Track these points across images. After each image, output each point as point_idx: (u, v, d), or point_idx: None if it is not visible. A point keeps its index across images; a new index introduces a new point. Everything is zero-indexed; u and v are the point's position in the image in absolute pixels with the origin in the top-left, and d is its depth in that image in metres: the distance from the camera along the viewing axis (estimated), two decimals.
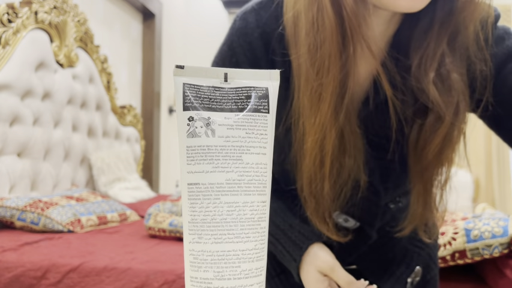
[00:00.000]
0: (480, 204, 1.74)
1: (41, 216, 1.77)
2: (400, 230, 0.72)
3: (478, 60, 0.63)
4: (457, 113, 0.62)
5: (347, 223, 0.73)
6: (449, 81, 0.61)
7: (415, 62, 0.62)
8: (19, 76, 1.98)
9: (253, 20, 0.65)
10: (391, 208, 0.76)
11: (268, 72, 0.39)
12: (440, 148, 0.64)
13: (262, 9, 0.66)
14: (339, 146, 0.62)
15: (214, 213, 0.36)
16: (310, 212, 0.67)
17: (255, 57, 0.66)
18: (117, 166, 2.73)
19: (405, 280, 0.76)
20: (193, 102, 0.36)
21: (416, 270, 0.77)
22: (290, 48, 0.63)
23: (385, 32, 0.65)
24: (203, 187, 0.36)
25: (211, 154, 0.36)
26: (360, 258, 0.76)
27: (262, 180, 0.37)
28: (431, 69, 0.61)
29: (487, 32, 0.63)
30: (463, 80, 0.62)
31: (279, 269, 0.80)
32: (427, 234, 0.72)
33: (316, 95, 0.59)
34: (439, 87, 0.61)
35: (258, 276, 0.37)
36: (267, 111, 0.38)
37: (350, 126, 0.62)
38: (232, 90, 0.38)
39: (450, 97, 0.61)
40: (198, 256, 0.36)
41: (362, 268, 0.76)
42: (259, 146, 0.37)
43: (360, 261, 0.76)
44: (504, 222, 1.09)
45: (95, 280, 1.26)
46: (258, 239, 0.37)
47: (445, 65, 0.61)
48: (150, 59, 3.60)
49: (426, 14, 0.61)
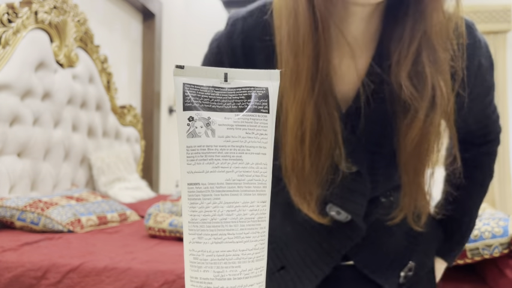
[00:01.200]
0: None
1: (41, 216, 1.77)
2: (391, 219, 0.75)
3: (455, 59, 0.69)
4: (433, 107, 0.66)
5: (339, 216, 0.76)
6: (424, 76, 0.66)
7: (394, 59, 0.67)
8: (19, 76, 1.98)
9: (239, 27, 0.73)
10: (382, 202, 0.78)
11: (268, 72, 0.39)
12: (418, 141, 0.68)
13: (250, 17, 0.73)
14: (316, 126, 0.67)
15: (214, 213, 0.36)
16: (293, 191, 0.71)
17: (236, 60, 0.74)
18: (117, 166, 2.73)
19: (398, 274, 0.78)
20: (193, 102, 0.36)
21: (410, 264, 0.78)
22: (276, 37, 0.70)
23: (366, 31, 0.71)
24: (203, 187, 0.36)
25: (211, 154, 0.36)
26: (355, 251, 0.78)
27: (262, 180, 0.37)
28: (406, 65, 0.66)
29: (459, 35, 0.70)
30: (440, 75, 0.66)
31: (279, 264, 0.81)
32: (417, 223, 0.76)
33: (294, 75, 0.66)
34: (414, 82, 0.66)
35: (258, 276, 0.37)
36: (267, 111, 0.38)
37: (327, 108, 0.68)
38: (232, 90, 0.38)
39: (425, 91, 0.66)
40: (198, 256, 0.36)
41: (358, 261, 0.78)
42: (259, 146, 0.37)
43: (356, 255, 0.78)
44: (504, 222, 1.09)
45: (95, 280, 1.26)
46: (258, 239, 0.37)
47: (421, 61, 0.66)
48: (150, 59, 3.60)
49: (401, 12, 0.67)
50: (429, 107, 0.66)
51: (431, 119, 0.67)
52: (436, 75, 0.66)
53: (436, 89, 0.66)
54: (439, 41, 0.66)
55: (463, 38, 0.70)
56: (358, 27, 0.70)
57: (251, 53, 0.73)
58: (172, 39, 4.03)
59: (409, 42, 0.66)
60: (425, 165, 0.71)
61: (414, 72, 0.66)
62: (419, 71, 0.66)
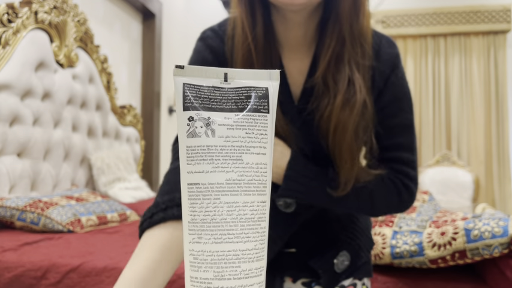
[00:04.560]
0: (480, 204, 1.74)
1: (41, 216, 1.77)
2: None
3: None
4: (348, 96, 0.76)
5: (286, 207, 0.82)
6: (342, 71, 0.77)
7: (321, 60, 0.78)
8: (19, 76, 1.98)
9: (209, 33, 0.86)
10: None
11: (268, 72, 0.39)
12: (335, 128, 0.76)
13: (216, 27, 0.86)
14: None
15: (214, 213, 0.36)
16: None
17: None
18: (117, 166, 2.73)
19: (332, 261, 0.84)
20: (193, 102, 0.36)
21: (342, 253, 0.85)
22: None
23: (305, 36, 0.82)
24: (203, 187, 0.36)
25: (211, 154, 0.36)
26: (296, 239, 0.86)
27: (262, 180, 0.37)
28: (326, 60, 0.77)
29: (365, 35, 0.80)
30: (356, 72, 0.77)
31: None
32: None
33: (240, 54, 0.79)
34: (335, 78, 0.77)
35: (258, 276, 0.37)
36: (267, 111, 0.38)
37: (283, 97, 0.80)
38: (232, 90, 0.38)
39: (341, 82, 0.76)
40: (198, 256, 0.36)
41: (298, 248, 0.86)
42: (259, 146, 0.37)
43: (297, 242, 0.86)
44: (504, 222, 1.09)
45: (95, 280, 1.26)
46: (258, 239, 0.37)
47: (341, 56, 0.77)
48: (150, 59, 3.60)
49: (329, 17, 0.78)
50: (346, 95, 0.76)
51: (346, 105, 0.75)
52: (353, 71, 0.76)
53: (351, 81, 0.76)
54: (354, 44, 0.77)
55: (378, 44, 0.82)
56: (298, 32, 0.81)
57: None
58: (172, 39, 4.03)
59: (328, 45, 0.77)
60: (350, 148, 0.77)
61: (335, 67, 0.77)
62: (339, 67, 0.77)
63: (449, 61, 4.70)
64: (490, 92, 4.57)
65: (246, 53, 0.78)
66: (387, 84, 0.81)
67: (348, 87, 0.76)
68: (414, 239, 1.19)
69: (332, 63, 0.77)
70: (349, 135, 0.76)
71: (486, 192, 4.58)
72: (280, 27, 0.81)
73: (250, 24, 0.77)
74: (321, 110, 0.78)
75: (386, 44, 0.83)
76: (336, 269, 0.84)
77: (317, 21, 0.81)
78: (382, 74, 0.81)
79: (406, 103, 0.83)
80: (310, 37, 0.82)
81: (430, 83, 4.72)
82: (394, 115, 0.82)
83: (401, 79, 0.83)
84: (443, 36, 4.72)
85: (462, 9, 4.59)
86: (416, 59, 4.75)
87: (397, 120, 0.82)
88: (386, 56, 0.82)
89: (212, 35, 0.85)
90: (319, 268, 0.83)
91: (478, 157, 4.57)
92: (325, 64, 0.77)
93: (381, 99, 0.81)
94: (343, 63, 0.77)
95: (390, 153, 0.83)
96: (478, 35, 4.63)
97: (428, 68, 4.74)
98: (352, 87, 0.76)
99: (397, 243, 1.20)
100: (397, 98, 0.82)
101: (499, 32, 4.56)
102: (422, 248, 1.15)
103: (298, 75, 0.82)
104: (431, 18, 4.65)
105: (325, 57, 0.77)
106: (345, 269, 0.85)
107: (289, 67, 0.82)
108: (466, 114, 4.57)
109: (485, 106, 4.56)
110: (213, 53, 0.83)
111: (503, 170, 4.54)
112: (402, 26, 4.68)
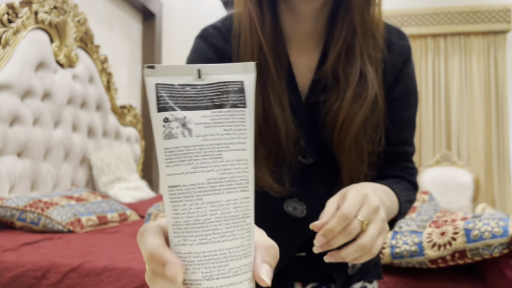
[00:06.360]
0: (480, 204, 1.74)
1: (41, 216, 1.77)
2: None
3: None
4: (359, 91, 0.73)
5: (295, 211, 0.79)
6: (353, 64, 0.74)
7: (331, 53, 0.75)
8: (19, 76, 1.98)
9: (211, 31, 0.82)
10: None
11: (242, 65, 0.38)
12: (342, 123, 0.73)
13: (218, 25, 0.82)
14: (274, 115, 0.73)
15: (197, 214, 0.35)
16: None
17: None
18: (117, 166, 2.73)
19: (347, 265, 0.82)
20: (167, 103, 0.35)
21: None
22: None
23: (315, 30, 0.78)
24: (184, 189, 0.35)
25: (190, 154, 0.35)
26: (308, 243, 0.81)
27: (244, 176, 0.36)
28: (336, 52, 0.74)
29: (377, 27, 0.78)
30: (368, 64, 0.74)
31: None
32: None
33: (250, 52, 0.75)
34: (346, 71, 0.74)
35: (247, 273, 0.36)
36: (244, 106, 0.37)
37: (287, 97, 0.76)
38: (207, 86, 0.37)
39: (352, 76, 0.73)
40: (184, 258, 0.35)
41: (308, 252, 0.82)
42: (239, 142, 0.36)
43: (307, 246, 0.80)
44: (504, 222, 1.09)
45: (95, 280, 1.26)
46: (244, 235, 0.36)
47: (352, 48, 0.74)
48: (150, 59, 3.60)
49: (339, 11, 0.75)
50: (357, 89, 0.73)
51: (356, 101, 0.72)
52: (365, 64, 0.74)
53: (363, 74, 0.73)
54: (366, 35, 0.75)
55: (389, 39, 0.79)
56: (307, 26, 0.77)
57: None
58: (172, 39, 4.03)
59: (339, 36, 0.74)
60: (357, 145, 0.74)
61: (346, 62, 0.74)
62: (350, 60, 0.74)
63: (449, 61, 4.70)
64: (490, 92, 4.57)
65: (256, 50, 0.74)
66: (398, 78, 0.79)
67: (359, 81, 0.73)
68: (414, 239, 1.19)
69: (343, 55, 0.74)
70: (357, 131, 0.73)
71: (486, 192, 4.57)
72: (287, 21, 0.78)
73: (260, 20, 0.74)
74: (329, 104, 0.74)
75: (397, 36, 0.80)
76: (349, 272, 0.82)
77: (327, 14, 0.78)
78: (393, 68, 0.78)
79: (414, 97, 0.81)
80: (320, 31, 0.79)
81: (430, 83, 4.72)
82: (403, 109, 0.80)
83: (412, 72, 0.80)
84: (443, 36, 4.72)
85: (462, 9, 4.58)
86: (416, 59, 4.75)
87: (405, 114, 0.80)
88: (398, 49, 0.79)
89: (215, 33, 0.80)
90: (333, 271, 0.80)
91: (478, 157, 4.57)
92: (335, 56, 0.74)
93: (391, 92, 0.79)
94: (355, 55, 0.74)
95: (397, 148, 0.81)
96: (478, 35, 4.63)
97: (428, 68, 4.74)
98: (364, 81, 0.73)
99: (397, 243, 1.20)
100: (407, 92, 0.80)
101: (499, 32, 4.56)
102: (422, 248, 1.15)
103: (306, 71, 0.79)
104: (431, 18, 4.65)
105: (336, 48, 0.74)
106: (356, 272, 0.83)
107: (297, 63, 0.79)
108: (466, 114, 4.57)
109: (485, 106, 4.56)
110: (218, 53, 0.79)
111: (503, 170, 4.54)
112: (402, 26, 4.68)
